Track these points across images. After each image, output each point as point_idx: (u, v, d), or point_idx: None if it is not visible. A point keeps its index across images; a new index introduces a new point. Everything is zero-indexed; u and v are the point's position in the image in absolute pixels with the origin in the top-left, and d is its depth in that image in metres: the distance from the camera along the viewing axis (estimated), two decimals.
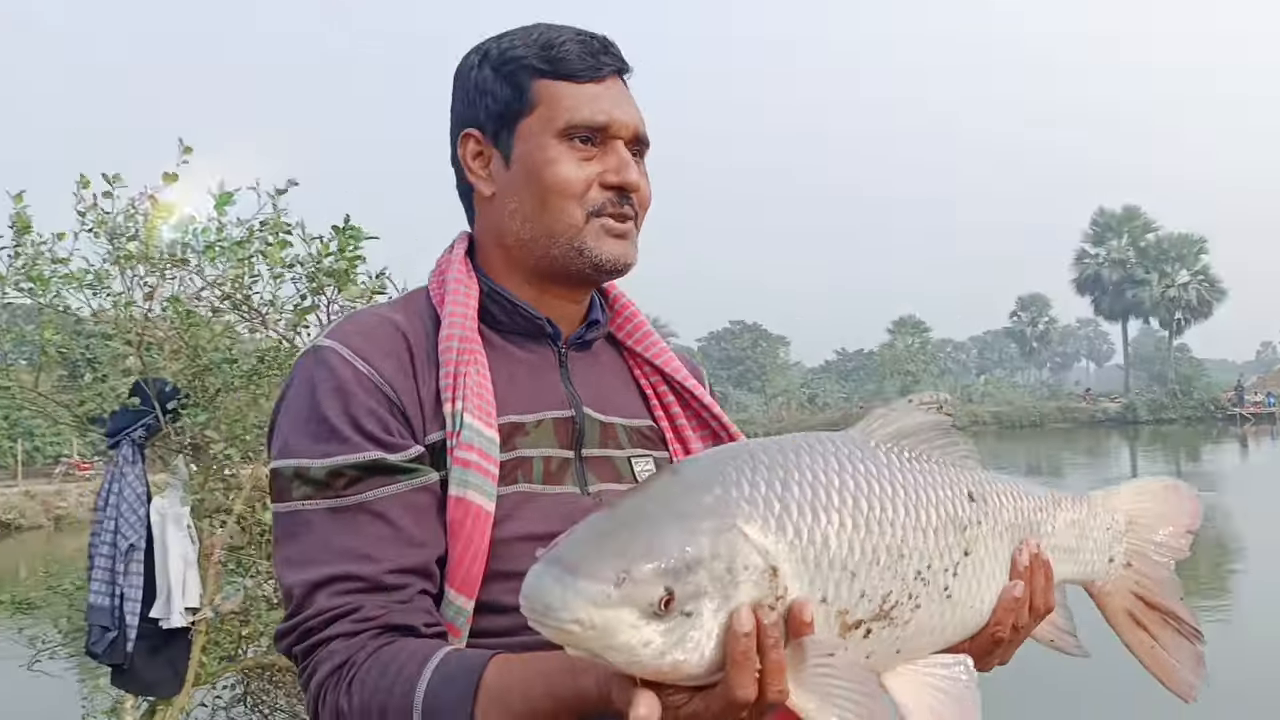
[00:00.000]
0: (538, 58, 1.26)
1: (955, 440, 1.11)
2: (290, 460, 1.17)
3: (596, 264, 1.26)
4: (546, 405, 1.27)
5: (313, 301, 4.37)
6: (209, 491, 4.84)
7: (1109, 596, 1.29)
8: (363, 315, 1.28)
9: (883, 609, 0.96)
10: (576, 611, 0.83)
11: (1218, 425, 54.73)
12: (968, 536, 1.06)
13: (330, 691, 1.09)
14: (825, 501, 0.94)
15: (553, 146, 1.25)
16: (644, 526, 0.88)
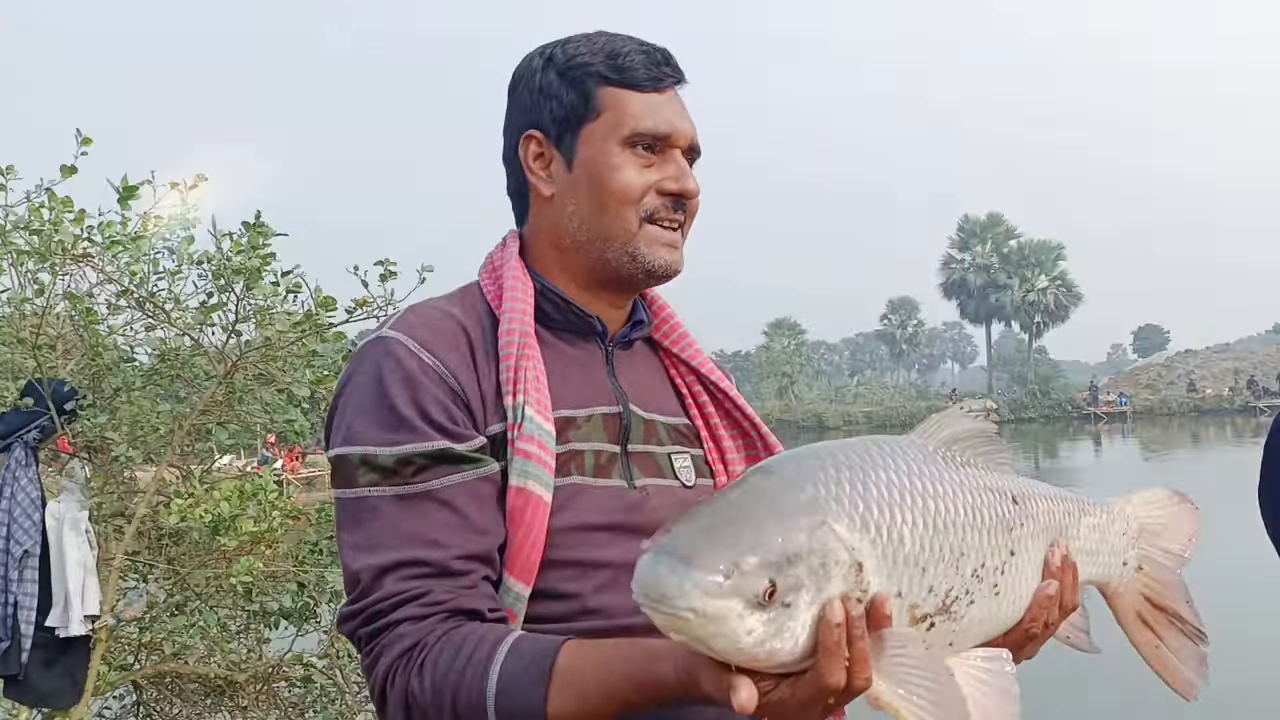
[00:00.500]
0: (604, 65, 1.31)
1: (998, 446, 1.18)
2: (357, 448, 1.20)
3: (649, 270, 1.32)
4: (596, 401, 1.32)
5: (219, 299, 4.25)
6: (108, 495, 4.66)
7: (1120, 597, 1.36)
8: (424, 308, 1.31)
9: (945, 604, 1.03)
10: (692, 600, 0.87)
11: (1074, 424, 57.41)
12: (1014, 537, 1.12)
13: (400, 673, 1.12)
14: (900, 501, 1.00)
15: (617, 153, 1.30)
16: (747, 521, 0.93)
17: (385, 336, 1.25)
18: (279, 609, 4.49)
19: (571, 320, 1.35)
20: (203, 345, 4.40)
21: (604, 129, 1.31)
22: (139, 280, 4.29)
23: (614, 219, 1.31)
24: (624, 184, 1.30)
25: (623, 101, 1.31)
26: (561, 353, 1.33)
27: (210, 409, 4.39)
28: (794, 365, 72.41)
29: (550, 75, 1.34)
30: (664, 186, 1.31)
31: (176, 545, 4.78)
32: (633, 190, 1.30)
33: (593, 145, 1.31)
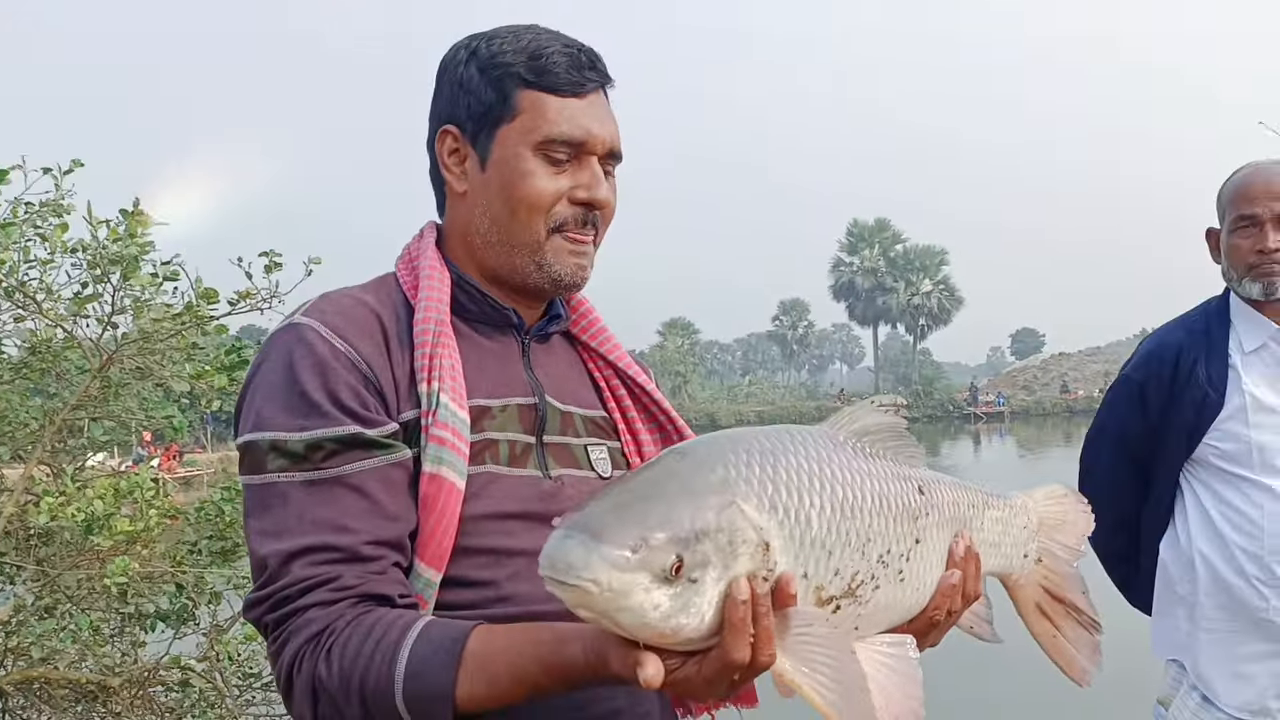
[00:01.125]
0: (525, 66, 1.29)
1: (907, 440, 1.21)
2: (266, 433, 1.19)
3: (554, 280, 1.33)
4: (512, 392, 1.32)
5: (95, 289, 4.09)
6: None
7: (1021, 589, 1.39)
8: (337, 296, 1.30)
9: (850, 587, 1.05)
10: (597, 573, 0.89)
11: (955, 423, 59.37)
12: (919, 526, 1.15)
13: (307, 659, 1.11)
14: (808, 486, 1.03)
15: (529, 158, 1.29)
16: (658, 499, 0.94)
17: (296, 323, 1.24)
18: (155, 611, 4.35)
19: (488, 312, 1.35)
20: (76, 337, 4.23)
21: (519, 132, 1.29)
22: (8, 269, 4.10)
23: (522, 226, 1.30)
24: (534, 191, 1.29)
25: (540, 105, 1.29)
26: (477, 344, 1.33)
27: (84, 404, 4.23)
28: (687, 365, 72.97)
29: (471, 70, 1.32)
30: (575, 195, 1.30)
31: (46, 545, 4.58)
32: (543, 198, 1.29)
33: (507, 147, 1.30)
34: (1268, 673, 2.41)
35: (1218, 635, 2.48)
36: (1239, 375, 2.48)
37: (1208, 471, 2.51)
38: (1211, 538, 2.48)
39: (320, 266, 4.03)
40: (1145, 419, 2.59)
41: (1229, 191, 2.52)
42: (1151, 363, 2.62)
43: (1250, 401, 2.45)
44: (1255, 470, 2.43)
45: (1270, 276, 2.43)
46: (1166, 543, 2.59)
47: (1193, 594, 2.53)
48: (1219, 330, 2.54)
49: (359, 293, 1.32)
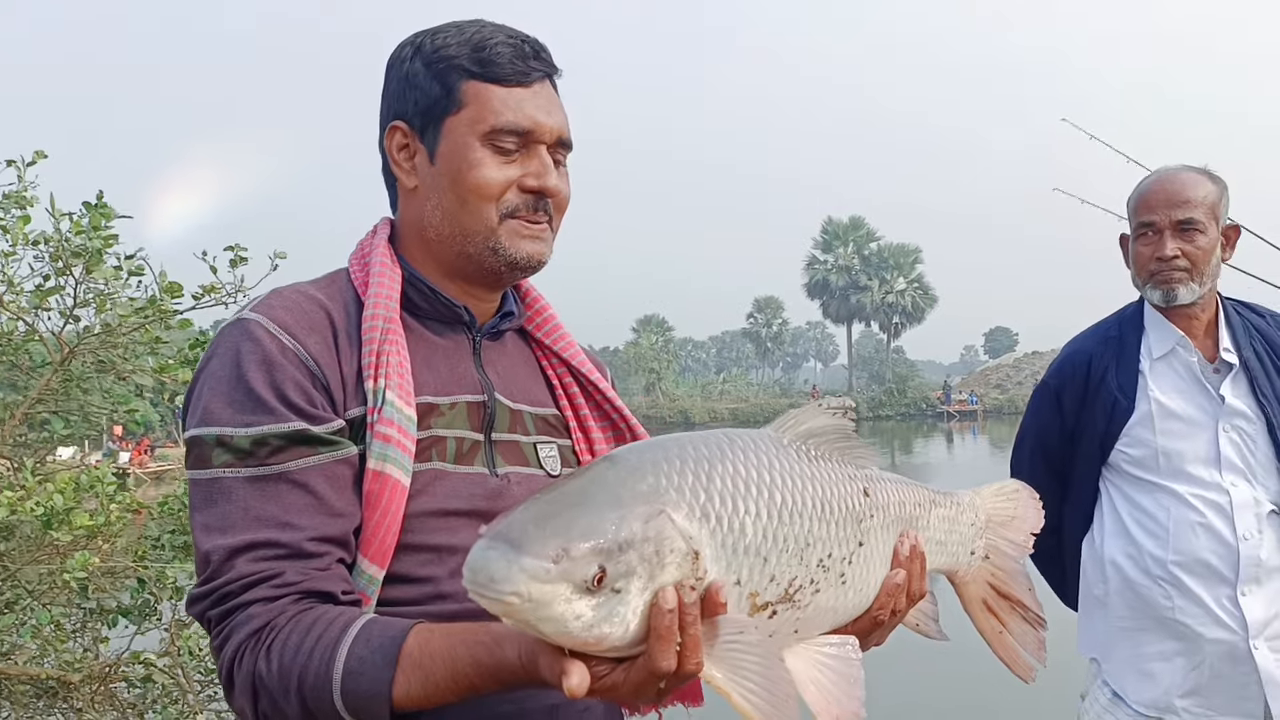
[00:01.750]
0: (469, 58, 1.30)
1: (855, 442, 1.21)
2: (213, 428, 1.19)
3: (511, 262, 1.32)
4: (461, 389, 1.33)
5: (57, 282, 4.05)
6: None
7: (967, 586, 1.40)
8: (287, 291, 1.30)
9: (788, 592, 1.05)
10: (517, 585, 0.89)
11: (928, 421, 59.71)
12: (863, 528, 1.15)
13: (248, 655, 1.12)
14: (744, 492, 1.03)
15: (476, 149, 1.29)
16: (583, 509, 0.94)
17: (245, 319, 1.24)
18: (117, 606, 4.32)
19: (439, 309, 1.35)
20: (38, 330, 4.19)
21: (465, 123, 1.29)
22: None
23: (473, 215, 1.30)
24: (483, 181, 1.29)
25: (484, 96, 1.29)
26: (428, 341, 1.33)
27: (45, 397, 4.19)
28: (662, 362, 73.08)
29: (417, 65, 1.32)
30: (524, 183, 1.30)
31: (6, 540, 4.54)
32: (491, 187, 1.29)
33: (454, 140, 1.30)
34: (1172, 671, 2.46)
35: (1127, 633, 2.53)
36: (1147, 381, 2.52)
37: (1121, 477, 2.56)
38: (1123, 540, 2.53)
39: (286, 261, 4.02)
40: (1062, 424, 2.63)
41: (1133, 199, 2.57)
42: (1066, 369, 2.66)
43: (1156, 408, 2.50)
44: (1162, 475, 2.48)
45: (1169, 284, 2.47)
46: (1086, 545, 2.64)
47: (1105, 594, 2.58)
48: (1131, 336, 2.58)
49: (310, 289, 1.32)
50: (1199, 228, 2.45)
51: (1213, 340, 2.54)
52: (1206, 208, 2.46)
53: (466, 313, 1.36)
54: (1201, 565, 2.41)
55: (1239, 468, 2.45)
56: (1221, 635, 2.39)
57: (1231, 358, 2.50)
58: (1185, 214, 2.45)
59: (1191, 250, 2.45)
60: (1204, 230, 2.45)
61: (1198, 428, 2.47)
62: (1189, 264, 2.45)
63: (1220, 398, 2.48)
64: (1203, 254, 2.46)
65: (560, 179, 1.34)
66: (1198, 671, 2.43)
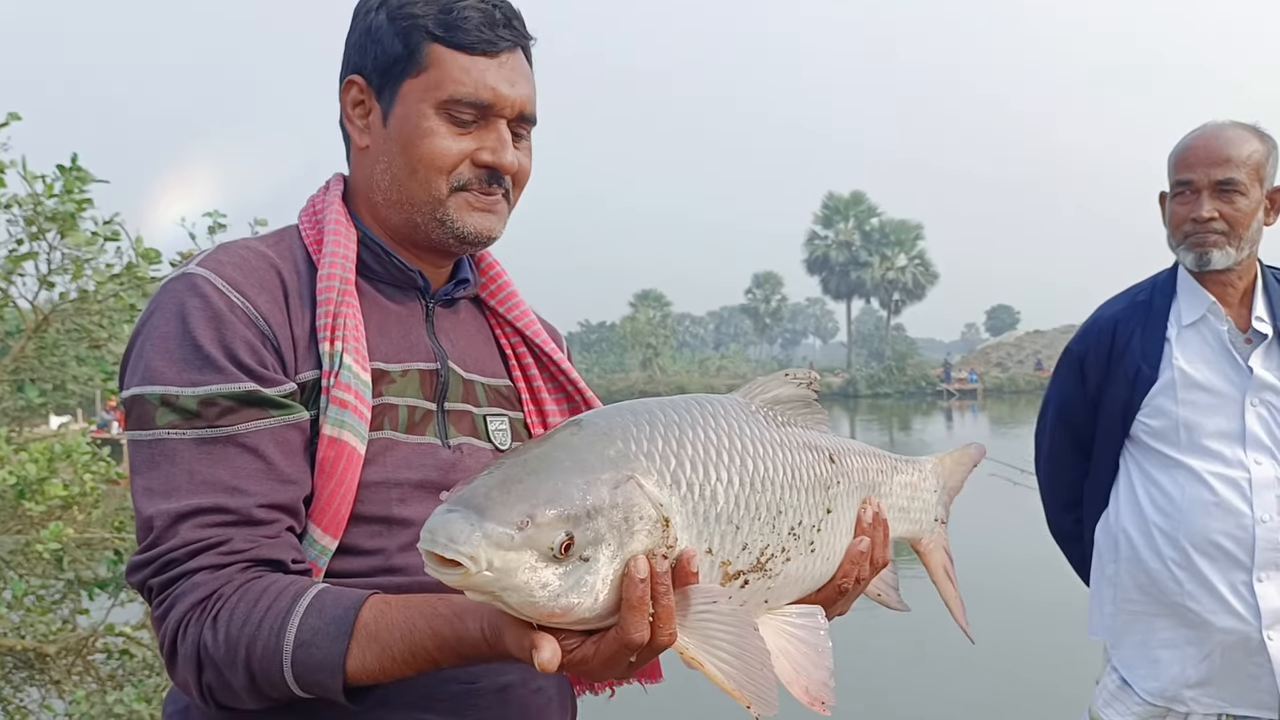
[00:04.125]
0: (434, 20, 1.23)
1: (814, 409, 1.19)
2: (156, 387, 1.13)
3: (459, 235, 1.27)
4: (413, 357, 1.28)
5: (31, 248, 3.97)
6: None
7: (932, 553, 1.40)
8: (235, 247, 1.24)
9: (760, 561, 1.03)
10: (478, 550, 0.85)
11: (928, 399, 59.71)
12: (830, 495, 1.13)
13: (193, 625, 1.07)
14: (716, 459, 1.00)
15: (431, 116, 1.24)
16: (549, 474, 0.91)
17: (190, 273, 1.18)
18: (95, 578, 4.26)
19: (392, 273, 1.31)
20: (11, 296, 4.12)
21: (422, 88, 1.24)
22: None
23: (421, 184, 1.25)
24: (434, 151, 1.24)
25: (445, 61, 1.23)
26: (380, 305, 1.29)
27: (20, 365, 4.12)
28: (659, 337, 73.02)
29: (380, 18, 1.26)
30: (479, 157, 1.25)
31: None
32: (444, 158, 1.24)
33: (409, 104, 1.24)
34: (1181, 660, 2.36)
35: (1137, 618, 2.44)
36: (1172, 349, 2.40)
37: (1142, 450, 2.44)
38: (1135, 517, 2.42)
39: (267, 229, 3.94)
40: (1085, 393, 2.52)
41: (1173, 155, 2.44)
42: (1090, 334, 2.54)
43: (1180, 377, 2.38)
44: (1180, 449, 2.36)
45: (1203, 247, 2.35)
46: (1101, 521, 2.54)
47: (1116, 574, 2.48)
48: (1162, 302, 2.46)
49: (259, 245, 1.26)
50: (1239, 189, 2.32)
51: (1248, 309, 2.41)
52: (1250, 168, 2.33)
53: (421, 278, 1.32)
54: (1214, 548, 2.30)
55: (1265, 444, 2.33)
56: (1233, 624, 2.29)
57: (1265, 328, 2.37)
58: (1225, 174, 2.32)
59: (1230, 212, 2.32)
60: (1245, 192, 2.33)
61: (1223, 400, 2.35)
62: (1226, 226, 2.33)
63: (1249, 369, 2.35)
64: (1242, 217, 2.33)
65: (522, 154, 1.29)
66: (1208, 661, 2.32)
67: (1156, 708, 2.39)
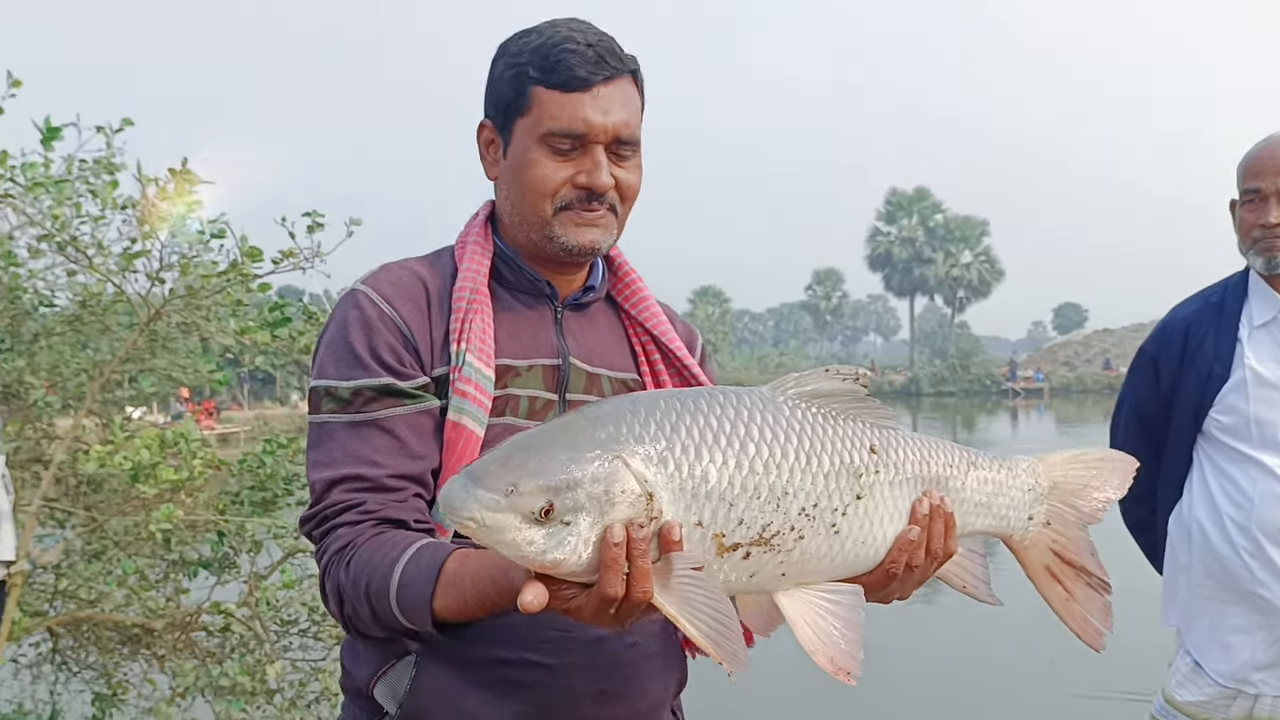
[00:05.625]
0: (535, 65, 1.41)
1: (870, 405, 1.27)
2: (323, 381, 1.40)
3: (566, 248, 1.45)
4: (538, 354, 1.47)
5: (144, 246, 4.21)
6: (24, 440, 4.61)
7: (1027, 551, 1.42)
8: (394, 266, 1.49)
9: (762, 536, 1.14)
10: (473, 512, 1.04)
11: (992, 399, 58.83)
12: (862, 483, 1.21)
13: (334, 567, 1.33)
14: (711, 444, 1.12)
15: (535, 149, 1.42)
16: (540, 451, 1.08)
17: (355, 290, 1.45)
18: (198, 558, 4.50)
19: (524, 282, 1.50)
20: (125, 292, 4.37)
21: (529, 125, 1.43)
22: (61, 224, 4.23)
23: (531, 207, 1.45)
24: (537, 179, 1.43)
25: (545, 101, 1.41)
26: (513, 309, 1.49)
27: (131, 357, 4.37)
28: (718, 334, 72.79)
29: (499, 68, 1.47)
30: (578, 181, 1.43)
31: (95, 493, 4.75)
32: (546, 184, 1.43)
33: (519, 140, 1.44)
34: (1251, 644, 2.48)
35: (1209, 603, 2.56)
36: (1244, 349, 2.52)
37: (1214, 446, 2.56)
38: (1208, 508, 2.55)
39: (362, 229, 4.13)
40: (1158, 392, 2.64)
41: (1242, 164, 2.56)
42: (1164, 335, 2.67)
43: (1251, 376, 2.49)
44: (1252, 445, 2.48)
45: (1271, 251, 2.47)
46: (1174, 513, 2.66)
47: (1189, 562, 2.60)
48: (1233, 304, 2.58)
49: (414, 263, 1.51)
50: None
51: None
52: None
53: (548, 286, 1.51)
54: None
55: None
56: None
57: None
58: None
59: None
60: None
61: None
62: None
63: None
64: None
65: (624, 171, 1.45)
66: (1277, 645, 2.45)
67: (1227, 689, 2.52)
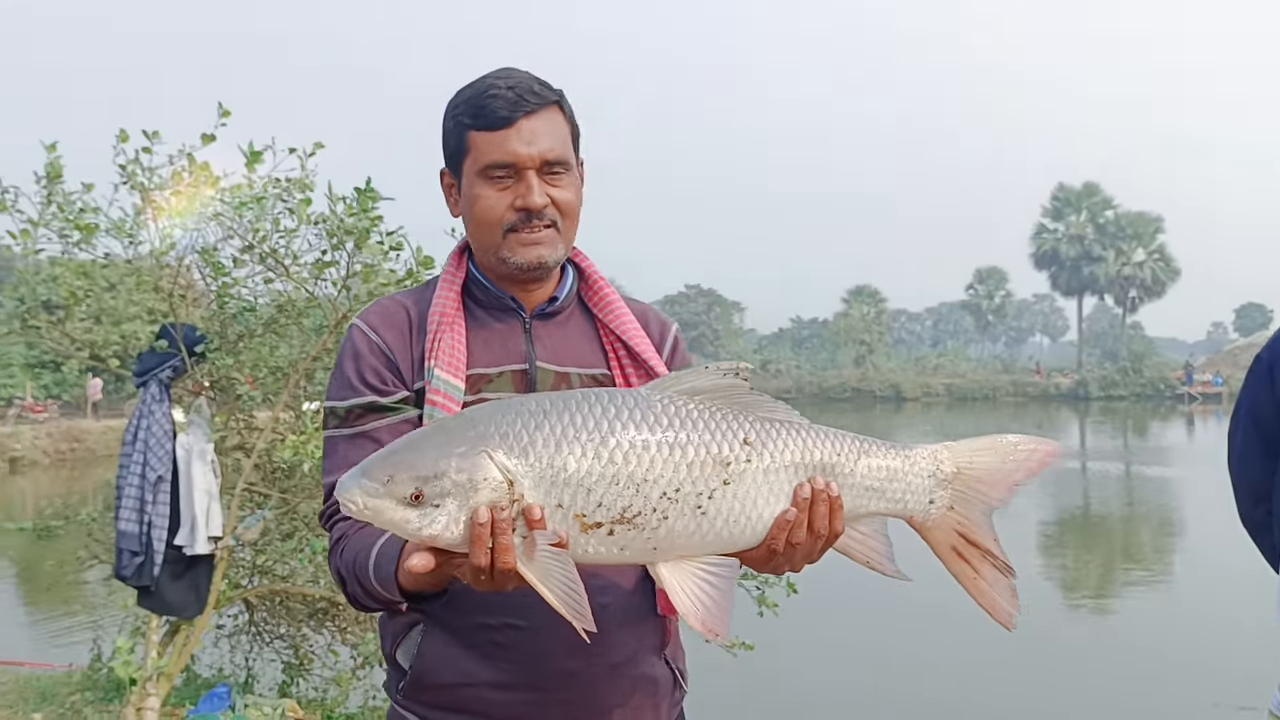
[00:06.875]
0: (467, 113, 1.64)
1: (758, 398, 1.44)
2: (329, 402, 1.71)
3: (518, 266, 1.66)
4: (508, 361, 1.69)
5: (333, 256, 4.66)
6: (230, 430, 5.14)
7: (930, 532, 1.52)
8: (385, 300, 1.78)
9: (624, 516, 1.32)
10: (357, 498, 1.29)
11: (1166, 403, 55.98)
12: (730, 470, 1.37)
13: (334, 555, 1.63)
14: (572, 437, 1.31)
15: (478, 184, 1.65)
16: (418, 447, 1.31)
17: (353, 324, 1.71)
18: None
19: (492, 300, 1.71)
20: (316, 298, 4.84)
21: (471, 165, 1.63)
22: (261, 237, 4.73)
23: (485, 234, 1.65)
24: (483, 209, 1.63)
25: (479, 142, 1.62)
26: (486, 325, 1.70)
27: (321, 355, 4.84)
28: (873, 334, 71.44)
29: (446, 122, 1.68)
30: (516, 204, 1.62)
31: (288, 478, 5.25)
32: (491, 213, 1.63)
33: (467, 179, 1.65)
34: None
35: None
36: None
37: None
38: None
39: None
40: (1273, 397, 2.70)
41: None
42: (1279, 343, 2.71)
43: None
44: None
45: None
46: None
47: None
48: None
49: (402, 296, 1.75)
50: None
51: None
52: None
53: (513, 301, 1.70)
54: None
55: None
56: None
57: None
58: None
59: None
60: None
61: None
62: None
63: None
64: None
65: (559, 190, 1.63)
66: None
67: None
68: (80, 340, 5.29)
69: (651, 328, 1.80)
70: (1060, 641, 9.15)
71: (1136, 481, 22.38)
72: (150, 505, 4.66)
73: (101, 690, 5.82)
